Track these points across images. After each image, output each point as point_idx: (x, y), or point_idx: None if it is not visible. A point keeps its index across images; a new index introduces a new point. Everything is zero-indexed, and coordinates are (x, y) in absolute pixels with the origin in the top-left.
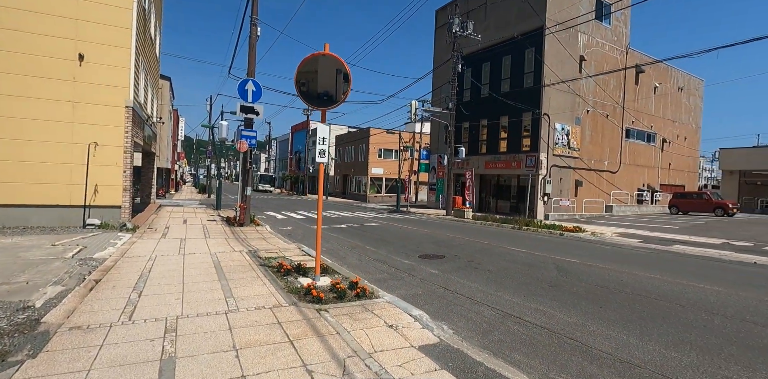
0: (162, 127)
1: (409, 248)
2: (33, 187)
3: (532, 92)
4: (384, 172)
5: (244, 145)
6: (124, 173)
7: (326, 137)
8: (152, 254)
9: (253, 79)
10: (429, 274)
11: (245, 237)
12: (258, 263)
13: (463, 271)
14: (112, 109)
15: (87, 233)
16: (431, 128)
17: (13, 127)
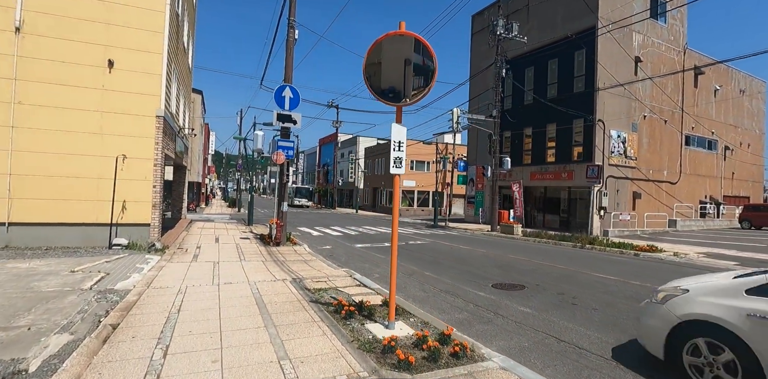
0: (193, 140)
1: (475, 274)
2: (58, 205)
3: (583, 97)
4: (416, 185)
5: (281, 156)
6: (154, 188)
7: (403, 142)
8: (182, 284)
9: (290, 85)
10: (521, 313)
11: (284, 260)
12: (308, 297)
13: (561, 309)
14: (142, 119)
15: (112, 256)
16: (468, 138)
17: (38, 140)
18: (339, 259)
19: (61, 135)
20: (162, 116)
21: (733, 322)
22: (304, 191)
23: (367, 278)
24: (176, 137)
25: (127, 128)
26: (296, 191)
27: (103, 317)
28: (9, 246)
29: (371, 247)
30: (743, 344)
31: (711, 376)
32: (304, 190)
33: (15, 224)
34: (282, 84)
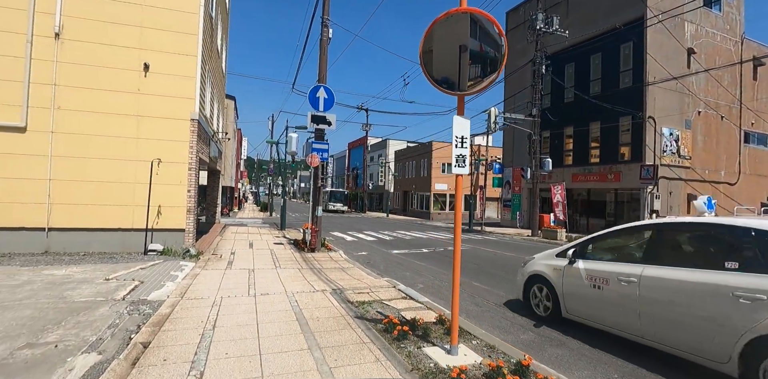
0: (227, 145)
1: None
2: (95, 210)
3: (630, 93)
4: (448, 188)
5: (315, 159)
6: (189, 193)
7: (466, 137)
8: (217, 294)
9: (324, 85)
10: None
11: (320, 267)
12: (352, 312)
13: None
14: (177, 123)
15: (147, 262)
16: (504, 140)
17: (77, 145)
18: (377, 266)
19: (99, 140)
20: (196, 120)
21: (547, 272)
22: (339, 194)
23: (413, 289)
24: (210, 141)
25: (162, 132)
26: (331, 195)
27: (134, 333)
28: (49, 251)
29: (409, 253)
30: (550, 283)
31: (542, 305)
32: (339, 194)
33: (55, 230)
34: (316, 84)
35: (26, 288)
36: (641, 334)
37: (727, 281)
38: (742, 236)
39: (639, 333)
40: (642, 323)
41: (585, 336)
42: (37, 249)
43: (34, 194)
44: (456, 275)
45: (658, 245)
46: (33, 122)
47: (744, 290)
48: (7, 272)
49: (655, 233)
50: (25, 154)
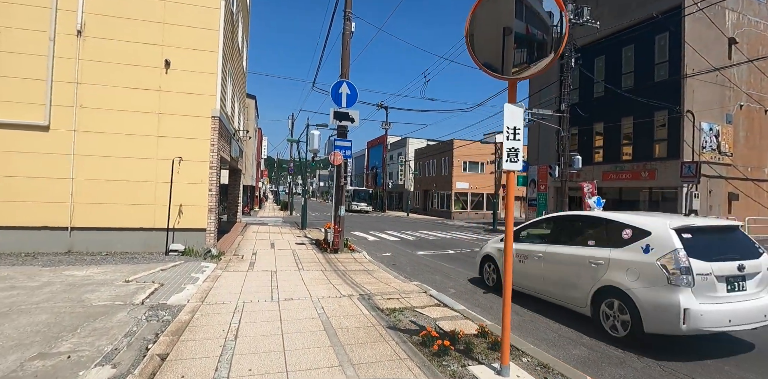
0: (248, 144)
1: None
2: (117, 209)
3: (667, 86)
4: (469, 187)
5: (338, 156)
6: (210, 192)
7: (519, 127)
8: (238, 299)
9: (347, 81)
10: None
11: (345, 269)
12: (383, 321)
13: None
14: (198, 121)
15: (168, 263)
16: (528, 137)
17: (99, 143)
18: (404, 269)
19: (120, 138)
20: (217, 117)
21: (493, 253)
22: (363, 193)
23: (445, 295)
24: (231, 140)
25: (182, 130)
26: (354, 194)
27: (151, 343)
28: (72, 251)
29: (435, 254)
30: (495, 261)
31: (490, 278)
32: (363, 192)
33: (77, 229)
34: (338, 80)
35: (45, 290)
36: (543, 293)
37: (587, 253)
38: (598, 224)
39: (542, 292)
40: (544, 285)
41: (515, 298)
42: (60, 248)
43: (57, 193)
44: (507, 288)
45: (555, 230)
46: (56, 121)
47: (594, 258)
48: (29, 272)
49: (554, 223)
50: (49, 153)
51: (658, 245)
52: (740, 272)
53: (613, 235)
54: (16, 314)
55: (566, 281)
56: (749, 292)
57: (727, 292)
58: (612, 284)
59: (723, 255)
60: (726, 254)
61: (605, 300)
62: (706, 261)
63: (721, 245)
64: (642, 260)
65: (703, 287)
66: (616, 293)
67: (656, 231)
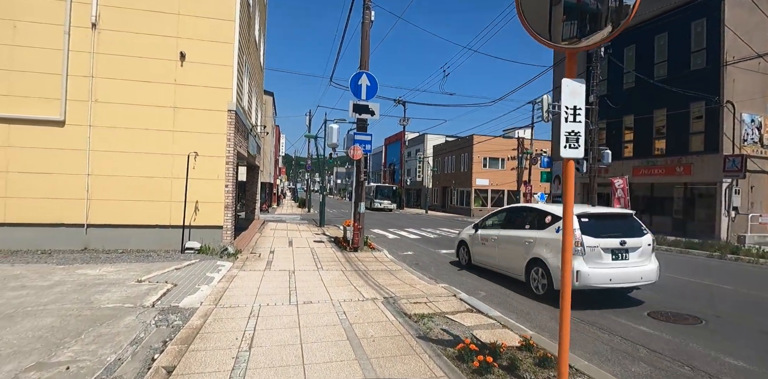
0: (265, 141)
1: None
2: (133, 206)
3: (704, 75)
4: (489, 184)
5: (357, 151)
6: (226, 188)
7: (580, 107)
8: (254, 302)
9: (367, 72)
10: (733, 369)
11: (366, 269)
12: (412, 330)
13: None
14: (214, 115)
15: (183, 261)
16: (553, 131)
17: (115, 138)
18: (428, 269)
19: (135, 133)
20: (234, 111)
21: (466, 238)
22: (386, 190)
23: (476, 299)
24: (248, 135)
25: (198, 124)
26: (376, 191)
27: (158, 353)
28: (88, 248)
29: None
30: (467, 245)
31: (464, 258)
32: (386, 189)
33: (93, 226)
34: (358, 71)
35: (55, 290)
36: (496, 267)
37: (524, 235)
38: (531, 213)
39: (495, 266)
40: (497, 261)
41: (480, 271)
42: (76, 246)
43: (73, 189)
44: (565, 298)
45: (506, 219)
46: (71, 116)
47: (528, 238)
48: (42, 271)
49: (506, 213)
50: (64, 149)
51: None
52: (622, 246)
53: (540, 220)
54: (20, 317)
55: (511, 256)
56: (631, 261)
57: (612, 260)
58: (537, 256)
59: (609, 233)
60: (612, 233)
61: (533, 268)
62: (595, 237)
63: (610, 227)
64: (554, 237)
65: (592, 256)
66: (540, 263)
67: None
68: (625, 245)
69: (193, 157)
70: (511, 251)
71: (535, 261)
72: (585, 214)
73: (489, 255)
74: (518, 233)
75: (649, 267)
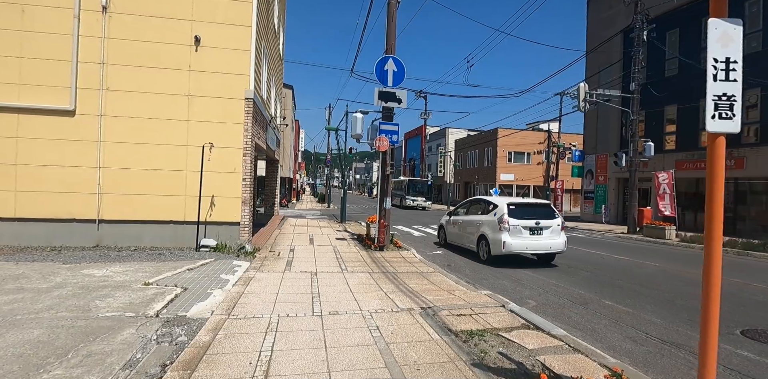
0: (285, 135)
1: (684, 306)
2: (146, 200)
3: (760, 58)
4: (514, 179)
5: (384, 142)
6: (244, 181)
7: (736, 60)
8: (273, 311)
9: (393, 56)
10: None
11: (395, 271)
12: (463, 353)
13: None
14: (230, 103)
15: (197, 260)
16: (585, 123)
17: (127, 129)
18: (462, 271)
19: (148, 123)
20: (251, 99)
21: (444, 223)
22: (421, 185)
23: (529, 311)
24: (267, 127)
25: (214, 114)
26: (409, 186)
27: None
28: (100, 245)
29: None
30: (444, 227)
31: (441, 238)
32: (420, 184)
33: (105, 222)
34: (384, 56)
35: (53, 294)
36: (461, 243)
37: (477, 219)
38: (482, 202)
39: (461, 243)
40: (463, 239)
41: (452, 248)
42: (88, 242)
43: (84, 183)
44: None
45: (469, 207)
46: (82, 105)
47: (479, 221)
48: (46, 270)
49: (469, 203)
50: (75, 140)
51: (499, 212)
52: (537, 225)
53: (487, 208)
54: (6, 328)
55: (469, 234)
56: (544, 236)
57: (530, 235)
58: (483, 233)
59: (529, 217)
60: (531, 216)
61: (480, 242)
62: (517, 219)
63: (530, 212)
64: (493, 219)
65: (515, 232)
66: (484, 237)
67: (500, 205)
68: (540, 225)
69: (208, 148)
70: (469, 231)
71: (482, 236)
72: (511, 203)
73: (458, 235)
74: (474, 218)
75: (557, 241)
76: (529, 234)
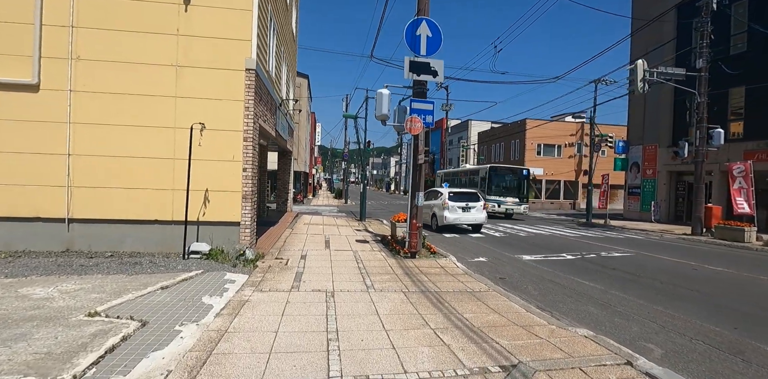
0: (300, 127)
1: None
2: (127, 195)
3: None
4: (544, 173)
5: (417, 123)
6: (245, 172)
7: None
8: (266, 369)
9: (427, 18)
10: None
11: (437, 289)
12: None
13: None
14: (227, 75)
15: (178, 273)
16: (630, 110)
17: (101, 108)
18: (524, 289)
19: (127, 100)
20: (253, 70)
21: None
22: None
23: (673, 372)
24: (277, 111)
25: (207, 88)
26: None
27: None
28: (70, 250)
29: (548, 261)
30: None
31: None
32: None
33: (77, 221)
34: (415, 18)
35: None
36: (424, 222)
37: (433, 203)
38: (435, 192)
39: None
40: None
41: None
42: (56, 246)
43: (50, 173)
44: None
45: (430, 195)
46: (47, 78)
47: (436, 204)
48: None
49: (432, 193)
50: (39, 121)
51: (443, 197)
52: (467, 206)
53: (439, 196)
54: None
55: (425, 214)
56: (472, 213)
57: (462, 212)
58: (435, 211)
59: (461, 200)
60: (463, 200)
61: (433, 218)
62: (454, 202)
63: (463, 197)
64: (440, 202)
65: (452, 210)
66: (435, 214)
67: (444, 193)
68: (468, 205)
69: (198, 129)
70: (425, 211)
71: (434, 214)
72: (452, 191)
73: (425, 216)
74: (432, 202)
75: (480, 215)
76: (462, 212)
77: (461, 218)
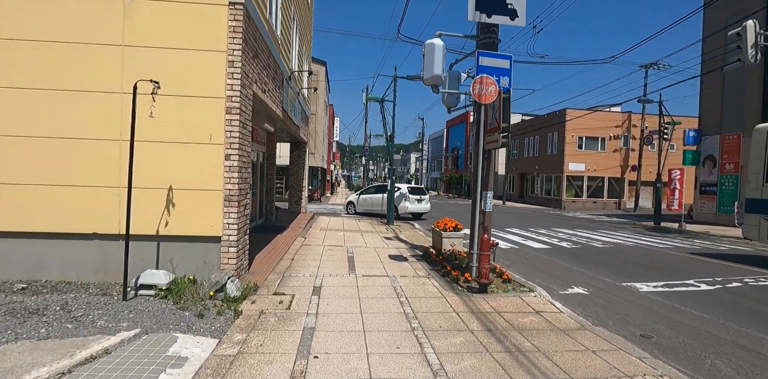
0: (317, 118)
1: None
2: (51, 195)
3: None
4: (586, 169)
5: (489, 86)
6: (229, 161)
7: None
8: None
9: None
10: None
11: (562, 375)
12: None
13: None
14: (201, 12)
15: (96, 337)
16: (702, 94)
17: (7, 63)
18: (699, 361)
19: (49, 51)
20: (242, 4)
21: (353, 199)
22: None
23: None
24: (284, 83)
25: (170, 30)
26: None
27: None
28: None
29: (674, 293)
30: (353, 203)
31: (352, 209)
32: None
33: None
34: None
35: None
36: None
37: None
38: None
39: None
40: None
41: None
42: None
43: None
44: None
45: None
46: None
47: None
48: None
49: (375, 187)
50: None
51: (404, 191)
52: (420, 198)
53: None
54: None
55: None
56: (422, 203)
57: (417, 203)
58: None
59: (416, 194)
60: (418, 194)
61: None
62: (412, 195)
63: (417, 191)
64: (401, 195)
65: (410, 201)
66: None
67: (403, 188)
68: (420, 198)
69: (150, 92)
70: (376, 202)
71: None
72: (410, 186)
73: (367, 205)
74: (382, 195)
75: (426, 206)
76: (417, 203)
77: (416, 208)
